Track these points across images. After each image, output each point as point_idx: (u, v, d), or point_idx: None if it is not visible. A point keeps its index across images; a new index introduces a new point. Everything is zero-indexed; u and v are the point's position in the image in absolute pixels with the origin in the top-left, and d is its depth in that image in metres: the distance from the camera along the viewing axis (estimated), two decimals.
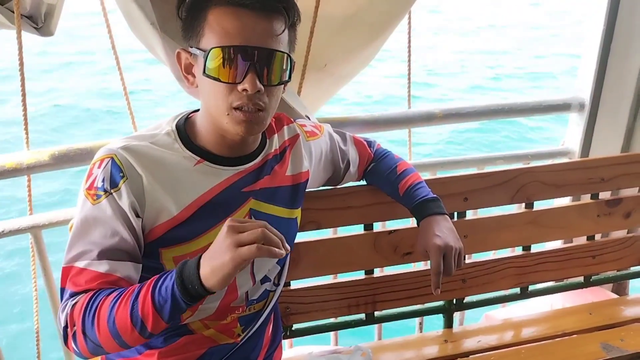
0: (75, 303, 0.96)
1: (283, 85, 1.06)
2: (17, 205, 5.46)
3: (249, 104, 0.99)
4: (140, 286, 0.93)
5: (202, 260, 0.89)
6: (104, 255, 0.98)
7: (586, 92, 1.99)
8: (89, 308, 0.94)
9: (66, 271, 1.00)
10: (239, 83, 0.97)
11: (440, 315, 1.73)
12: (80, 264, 0.98)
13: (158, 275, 0.93)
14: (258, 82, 0.97)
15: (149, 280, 0.93)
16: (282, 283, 1.28)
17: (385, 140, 1.73)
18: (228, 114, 1.00)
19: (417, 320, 2.05)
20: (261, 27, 0.97)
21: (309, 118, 1.45)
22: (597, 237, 1.78)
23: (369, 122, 1.78)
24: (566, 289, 1.86)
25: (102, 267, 0.98)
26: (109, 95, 9.39)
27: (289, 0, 1.01)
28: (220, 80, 0.98)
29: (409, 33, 1.78)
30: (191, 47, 1.02)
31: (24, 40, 1.34)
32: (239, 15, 0.96)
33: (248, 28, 0.97)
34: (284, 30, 1.01)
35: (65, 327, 0.97)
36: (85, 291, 0.97)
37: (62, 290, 1.00)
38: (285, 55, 1.01)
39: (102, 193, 0.99)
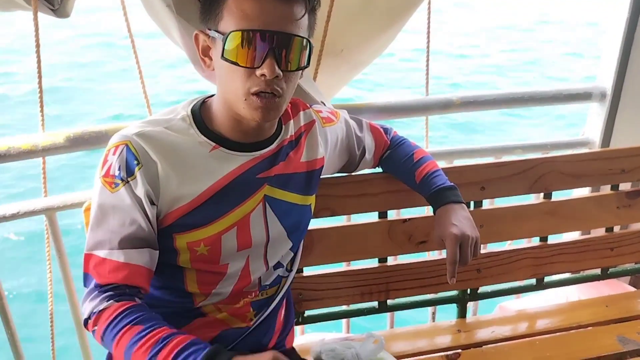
0: (102, 311, 0.98)
1: (301, 71, 1.04)
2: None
3: (266, 89, 0.98)
4: (164, 340, 0.92)
5: None
6: (122, 244, 1.00)
7: (608, 81, 1.94)
8: (111, 326, 0.96)
9: (87, 258, 1.02)
10: (258, 68, 0.96)
11: (453, 306, 1.72)
12: (101, 253, 1.00)
13: (184, 340, 0.92)
14: (277, 68, 0.96)
15: (175, 340, 0.92)
16: (294, 269, 1.28)
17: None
18: (245, 99, 0.99)
19: (429, 310, 2.03)
20: (281, 11, 0.96)
21: (324, 104, 1.44)
22: (616, 229, 1.75)
23: (386, 108, 1.76)
24: (582, 281, 1.83)
25: (122, 256, 1.00)
26: None
27: None
28: (238, 65, 0.96)
29: (429, 19, 1.75)
30: (210, 30, 1.01)
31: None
32: None
33: (268, 12, 0.95)
34: (304, 15, 0.99)
35: (88, 319, 1.00)
36: (110, 285, 0.99)
37: (86, 275, 1.02)
38: (305, 40, 0.99)
39: (119, 181, 1.00)
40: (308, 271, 1.52)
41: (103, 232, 1.01)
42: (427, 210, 1.58)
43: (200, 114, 1.08)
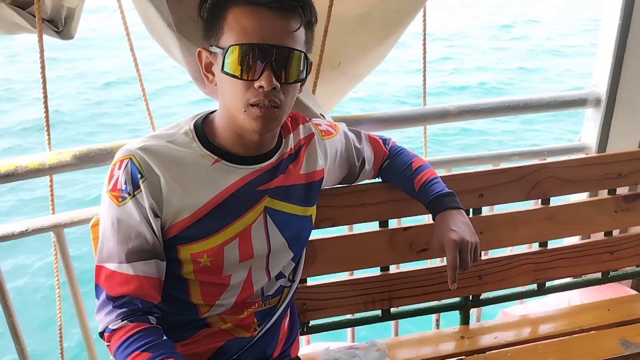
0: (116, 330, 1.03)
1: (299, 84, 1.08)
2: None
3: (264, 101, 1.01)
4: None
5: None
6: (130, 257, 1.04)
7: (602, 87, 1.97)
8: (123, 347, 1.01)
9: (98, 270, 1.06)
10: (256, 80, 1.00)
11: (457, 313, 1.74)
12: (110, 265, 1.04)
13: None
14: (274, 80, 0.99)
15: None
16: (297, 279, 1.30)
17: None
18: (245, 110, 1.02)
19: (433, 317, 2.05)
20: (278, 25, 1.00)
21: (323, 117, 1.47)
22: (615, 232, 1.77)
23: (384, 119, 1.78)
24: (583, 285, 1.85)
25: (131, 269, 1.04)
26: None
27: (306, 0, 1.03)
28: (237, 77, 1.00)
29: (424, 30, 1.79)
30: (211, 46, 1.05)
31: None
32: (257, 14, 0.99)
33: (266, 26, 0.99)
34: (299, 27, 1.02)
35: (103, 332, 1.05)
36: (123, 297, 1.03)
37: (97, 286, 1.06)
38: (302, 54, 1.03)
39: (127, 195, 1.03)
40: (311, 281, 1.54)
41: (112, 245, 1.04)
42: (427, 218, 1.60)
43: (203, 129, 1.12)
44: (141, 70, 1.64)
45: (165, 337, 1.04)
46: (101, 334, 1.05)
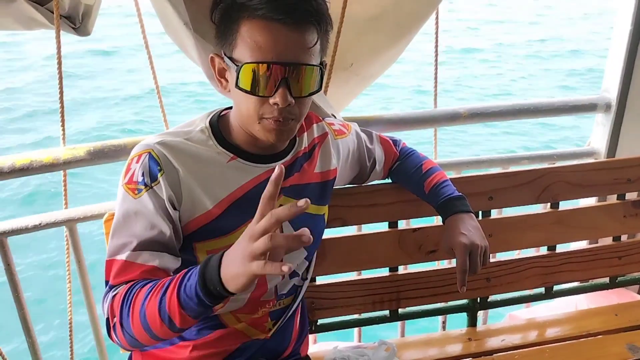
0: (115, 294, 0.98)
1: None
2: None
3: (279, 117, 1.01)
4: (170, 280, 0.93)
5: (223, 262, 0.85)
6: (142, 246, 1.01)
7: (613, 92, 1.97)
8: (125, 299, 0.95)
9: (109, 264, 1.03)
10: (271, 97, 0.99)
11: (464, 315, 1.74)
12: (121, 256, 1.01)
13: (186, 270, 0.92)
14: (289, 96, 0.98)
15: (178, 275, 0.92)
16: (309, 278, 1.31)
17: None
18: (259, 122, 1.03)
19: (440, 318, 2.05)
20: (293, 40, 0.97)
21: (335, 117, 1.48)
22: (623, 238, 1.77)
23: (395, 121, 1.79)
24: (591, 289, 1.85)
25: (141, 257, 1.01)
26: None
27: (321, 12, 1.00)
28: (252, 94, 0.99)
29: (437, 33, 1.79)
30: (225, 55, 1.03)
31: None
32: (271, 29, 0.96)
33: (280, 42, 0.97)
34: (316, 42, 1.01)
35: (108, 318, 1.00)
36: (126, 282, 1.00)
37: (106, 282, 1.03)
38: (318, 68, 1.02)
39: (142, 187, 1.02)
40: (320, 280, 1.55)
41: (124, 237, 1.02)
42: (436, 220, 1.61)
43: (218, 126, 1.12)
44: None
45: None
46: (107, 325, 1.00)
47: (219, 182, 1.09)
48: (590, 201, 1.94)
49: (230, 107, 1.15)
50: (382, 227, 1.57)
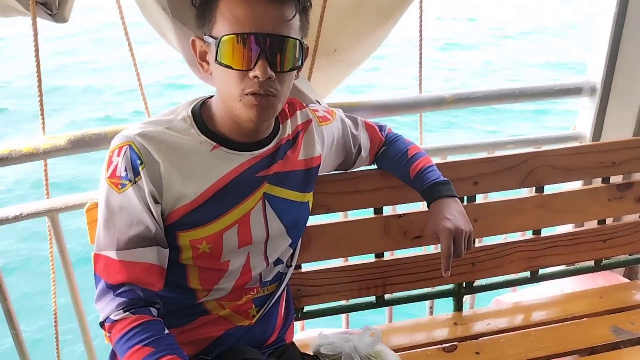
0: (117, 322, 1.01)
1: (295, 71, 1.07)
2: None
3: (259, 91, 1.00)
4: None
5: None
6: (129, 244, 1.02)
7: (598, 76, 1.97)
8: (124, 340, 0.99)
9: (97, 258, 1.05)
10: (251, 70, 0.99)
11: (451, 300, 1.75)
12: (110, 253, 1.03)
13: None
14: (269, 69, 0.98)
15: None
16: (293, 265, 1.31)
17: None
18: (240, 100, 1.02)
19: (427, 304, 2.06)
20: (272, 13, 0.98)
21: (319, 103, 1.46)
22: (608, 221, 1.78)
23: (380, 106, 1.78)
24: (577, 273, 1.86)
25: (130, 256, 1.02)
26: None
27: None
28: (232, 68, 0.99)
29: (420, 17, 1.78)
30: (205, 35, 1.03)
31: None
32: (249, 2, 0.97)
33: (259, 15, 0.97)
34: (294, 16, 1.01)
35: (103, 322, 1.04)
36: (122, 285, 1.02)
37: (95, 275, 1.05)
38: (297, 41, 1.02)
39: (127, 182, 1.02)
40: (306, 267, 1.55)
41: (111, 233, 1.03)
42: (422, 206, 1.61)
43: (201, 115, 1.11)
44: None
45: (167, 331, 1.03)
46: (102, 324, 1.04)
47: (201, 172, 1.08)
48: (575, 185, 1.95)
49: (212, 96, 1.14)
50: (368, 213, 1.57)
